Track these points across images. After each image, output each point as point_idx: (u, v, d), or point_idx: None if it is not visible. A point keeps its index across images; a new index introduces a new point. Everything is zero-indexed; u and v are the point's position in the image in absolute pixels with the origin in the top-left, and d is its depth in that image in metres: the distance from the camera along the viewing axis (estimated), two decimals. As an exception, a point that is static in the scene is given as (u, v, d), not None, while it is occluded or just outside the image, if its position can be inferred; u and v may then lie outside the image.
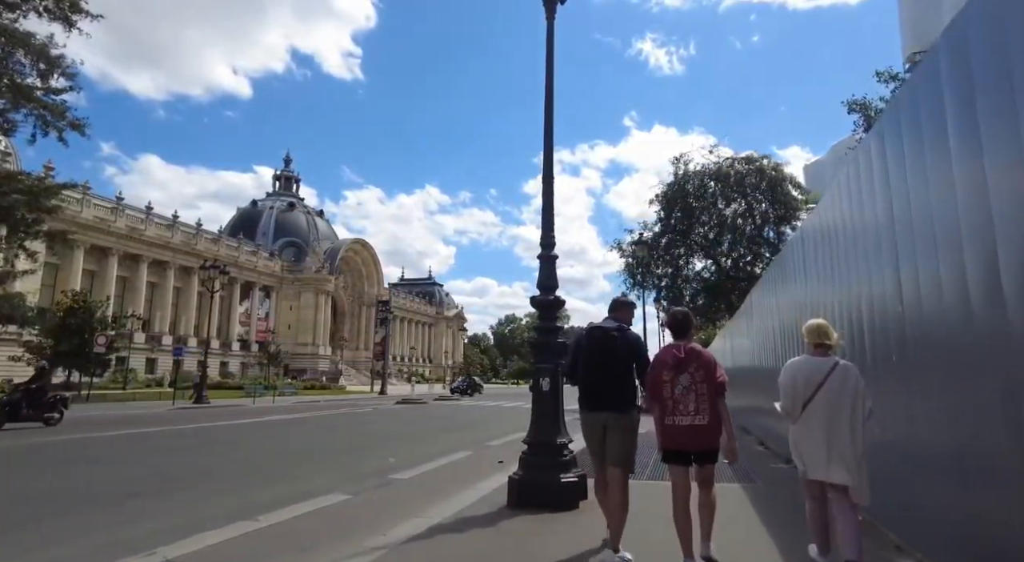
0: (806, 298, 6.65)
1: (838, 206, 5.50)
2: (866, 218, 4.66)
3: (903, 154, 3.85)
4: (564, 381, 5.97)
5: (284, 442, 13.09)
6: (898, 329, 4.03)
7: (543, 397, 5.90)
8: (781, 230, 27.53)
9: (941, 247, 3.35)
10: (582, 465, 6.19)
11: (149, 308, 56.49)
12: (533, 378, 6.03)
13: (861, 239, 4.78)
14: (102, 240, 50.33)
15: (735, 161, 28.11)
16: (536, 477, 5.62)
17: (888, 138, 4.18)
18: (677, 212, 28.40)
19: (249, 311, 67.95)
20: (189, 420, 18.70)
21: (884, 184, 4.22)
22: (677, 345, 3.96)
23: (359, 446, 12.06)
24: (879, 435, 3.83)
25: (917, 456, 3.80)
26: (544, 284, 6.20)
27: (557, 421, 5.88)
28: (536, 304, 6.16)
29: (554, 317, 6.15)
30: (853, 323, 4.91)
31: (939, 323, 3.44)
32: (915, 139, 3.70)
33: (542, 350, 6.01)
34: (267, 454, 10.85)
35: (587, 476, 5.89)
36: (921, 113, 3.59)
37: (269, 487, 7.29)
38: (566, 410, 5.96)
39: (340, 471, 8.51)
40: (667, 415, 3.84)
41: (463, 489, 6.70)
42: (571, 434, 5.98)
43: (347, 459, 9.93)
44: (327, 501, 6.40)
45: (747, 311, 13.62)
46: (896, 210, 3.98)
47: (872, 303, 4.57)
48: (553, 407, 5.88)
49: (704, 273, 30.50)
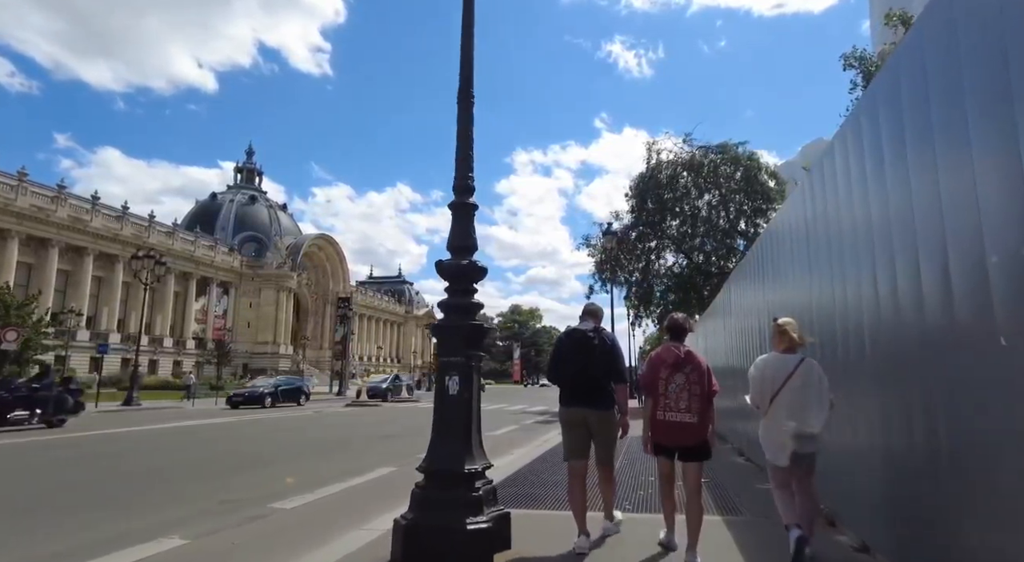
0: (782, 297, 6.55)
1: (796, 210, 5.79)
2: (816, 226, 5.07)
3: (864, 168, 3.95)
4: (479, 384, 4.28)
5: (170, 455, 10.91)
6: (842, 331, 4.44)
7: (449, 404, 4.15)
8: (757, 222, 26.18)
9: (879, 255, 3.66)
10: (506, 499, 4.79)
11: (95, 304, 53.36)
12: (436, 376, 4.25)
13: (813, 245, 5.17)
14: (40, 230, 47.04)
15: (709, 150, 26.65)
16: (432, 521, 3.86)
17: (852, 144, 4.26)
18: (649, 204, 26.87)
19: (206, 308, 64.87)
20: (85, 427, 16.39)
21: (833, 192, 4.58)
22: (676, 346, 4.21)
23: (262, 460, 9.96)
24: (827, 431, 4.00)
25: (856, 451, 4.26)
26: (458, 243, 4.41)
27: (468, 439, 4.12)
28: (445, 271, 4.38)
29: (469, 290, 4.39)
30: (815, 323, 5.03)
31: (875, 327, 3.81)
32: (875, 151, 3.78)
33: (450, 337, 4.25)
34: (131, 474, 8.65)
35: (510, 516, 4.23)
36: (880, 121, 3.69)
37: (91, 527, 5.36)
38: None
39: (210, 497, 6.63)
40: (659, 410, 4.08)
41: (352, 527, 4.97)
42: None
43: (232, 479, 7.96)
44: (148, 550, 4.53)
45: (721, 309, 12.31)
46: (839, 219, 4.42)
47: (819, 305, 5.00)
48: (463, 419, 4.12)
49: (675, 268, 29.05)
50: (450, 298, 4.33)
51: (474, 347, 4.25)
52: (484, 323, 4.35)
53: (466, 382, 4.12)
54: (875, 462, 3.90)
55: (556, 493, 6.35)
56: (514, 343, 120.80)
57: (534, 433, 14.80)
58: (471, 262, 4.34)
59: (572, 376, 4.47)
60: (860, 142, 4.01)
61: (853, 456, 4.31)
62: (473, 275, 4.35)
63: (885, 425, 3.72)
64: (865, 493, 4.10)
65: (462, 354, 4.16)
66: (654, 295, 28.64)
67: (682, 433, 4.01)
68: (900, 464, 3.54)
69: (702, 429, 4.02)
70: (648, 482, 7.06)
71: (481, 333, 4.30)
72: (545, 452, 10.27)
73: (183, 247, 61.35)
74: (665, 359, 4.13)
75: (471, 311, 4.33)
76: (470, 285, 4.37)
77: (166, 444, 12.75)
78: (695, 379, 4.05)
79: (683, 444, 4.05)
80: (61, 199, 49.34)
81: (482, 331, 4.30)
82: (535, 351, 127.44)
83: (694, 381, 4.04)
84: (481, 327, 4.30)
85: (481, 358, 4.37)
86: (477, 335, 4.27)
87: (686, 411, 3.99)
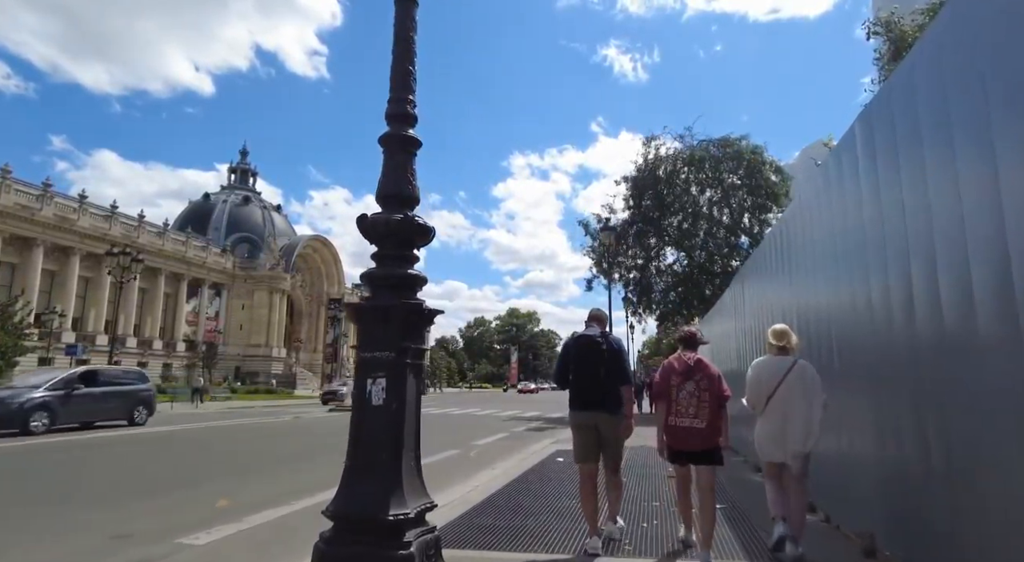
0: (788, 300, 6.45)
1: (799, 218, 6.05)
2: (820, 232, 5.22)
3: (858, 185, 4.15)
4: (419, 391, 3.05)
5: (94, 471, 9.56)
6: (839, 336, 4.75)
7: (371, 420, 2.92)
8: (762, 218, 24.90)
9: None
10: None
11: (82, 305, 52.09)
12: (355, 379, 2.99)
13: (820, 250, 5.22)
14: (24, 229, 45.79)
15: (711, 144, 25.37)
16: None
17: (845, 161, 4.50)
18: (647, 199, 25.59)
19: (197, 309, 63.56)
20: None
21: (840, 203, 4.66)
22: (688, 355, 4.36)
23: (194, 477, 8.56)
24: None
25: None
26: (390, 191, 3.18)
27: (397, 471, 2.87)
28: (371, 228, 3.14)
29: (407, 257, 3.14)
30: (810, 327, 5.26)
31: (866, 334, 4.08)
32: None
33: (375, 322, 3.00)
34: (32, 497, 7.47)
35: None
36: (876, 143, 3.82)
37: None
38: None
39: (102, 528, 5.33)
40: (670, 416, 4.23)
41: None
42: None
43: (143, 504, 6.65)
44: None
45: (730, 309, 11.16)
46: (840, 229, 4.57)
47: (818, 312, 5.30)
48: (391, 441, 2.88)
49: (676, 267, 27.76)
50: (378, 268, 3.09)
51: (412, 338, 3.01)
52: (426, 304, 3.11)
53: (397, 388, 2.89)
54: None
55: (541, 524, 5.10)
56: (512, 346, 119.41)
57: (525, 442, 13.54)
58: (408, 217, 3.10)
59: (583, 381, 4.56)
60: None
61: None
62: (410, 235, 3.12)
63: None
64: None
65: (393, 347, 2.92)
66: (654, 294, 27.34)
67: (691, 438, 4.13)
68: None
69: (711, 434, 4.12)
70: (653, 508, 5.82)
71: (422, 317, 3.07)
72: (536, 464, 9.03)
73: (174, 248, 60.12)
74: (676, 367, 4.28)
75: (408, 286, 3.10)
76: (408, 250, 3.14)
77: (113, 456, 11.45)
78: (705, 386, 4.16)
79: (692, 449, 4.17)
80: (47, 198, 48.11)
81: (423, 315, 3.06)
82: (533, 355, 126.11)
83: (704, 388, 4.15)
84: (421, 308, 3.06)
85: (423, 353, 3.13)
86: (416, 321, 3.03)
87: (695, 417, 4.11)
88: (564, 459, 9.55)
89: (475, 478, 8.01)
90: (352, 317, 3.30)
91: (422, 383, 3.06)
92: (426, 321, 3.10)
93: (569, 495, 6.39)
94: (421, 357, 3.06)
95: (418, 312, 3.02)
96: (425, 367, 2.84)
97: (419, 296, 3.16)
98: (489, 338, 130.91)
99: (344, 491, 2.82)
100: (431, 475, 8.63)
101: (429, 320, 3.12)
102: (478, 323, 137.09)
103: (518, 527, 5.06)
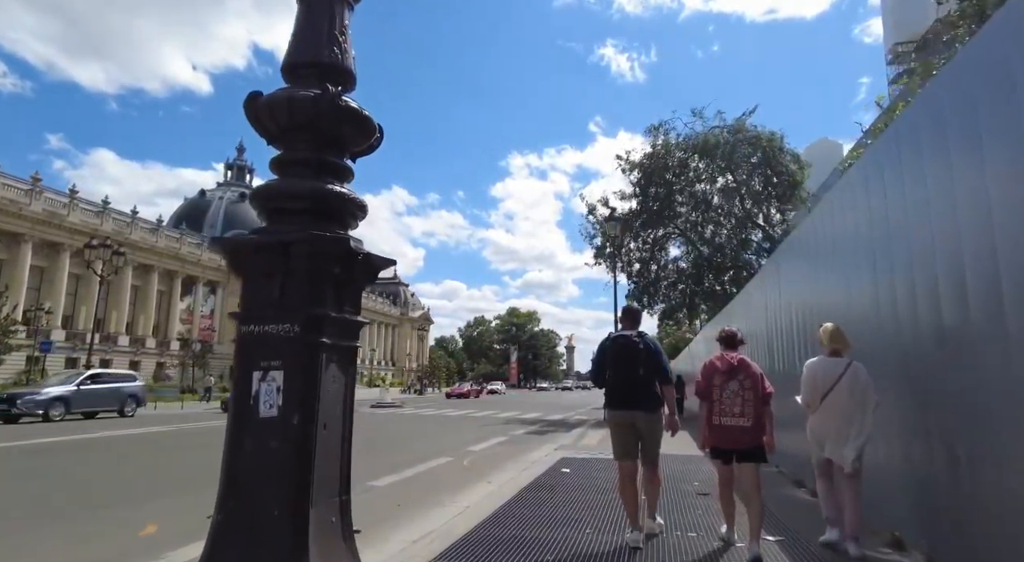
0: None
1: (824, 220, 6.29)
2: (846, 235, 5.51)
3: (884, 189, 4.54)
4: (351, 391, 1.76)
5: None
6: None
7: (257, 440, 1.62)
8: (784, 208, 23.47)
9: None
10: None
11: (73, 303, 50.88)
12: (234, 373, 1.73)
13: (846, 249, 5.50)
14: (12, 224, 44.64)
15: (724, 129, 24.00)
16: None
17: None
18: (654, 189, 24.23)
19: (192, 307, 62.36)
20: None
21: (865, 208, 4.96)
22: (730, 354, 4.47)
23: (137, 493, 7.22)
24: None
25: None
26: (303, 57, 1.91)
27: (300, 531, 1.57)
28: (268, 115, 1.86)
29: (330, 167, 1.86)
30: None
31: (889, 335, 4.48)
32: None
33: (263, 271, 1.72)
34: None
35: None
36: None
37: None
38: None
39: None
40: (714, 415, 4.34)
41: None
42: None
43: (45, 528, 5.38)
44: None
45: (762, 300, 9.86)
46: (875, 229, 4.73)
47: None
48: (287, 482, 1.58)
49: (683, 261, 26.43)
50: (280, 180, 1.83)
51: (333, 301, 1.75)
52: (362, 247, 1.84)
53: (301, 388, 1.62)
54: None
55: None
56: (511, 346, 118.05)
57: (525, 448, 12.28)
58: (331, 94, 1.83)
59: (621, 381, 4.68)
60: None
61: None
62: (336, 127, 1.86)
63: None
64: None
65: (296, 316, 1.67)
66: (660, 289, 26.01)
67: (737, 436, 4.25)
68: None
69: (757, 432, 4.24)
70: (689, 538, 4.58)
71: (354, 265, 1.81)
72: (538, 477, 7.74)
73: (167, 244, 58.98)
74: (719, 367, 4.40)
75: (332, 213, 1.83)
76: (333, 153, 1.88)
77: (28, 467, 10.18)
78: (749, 386, 4.27)
79: (738, 447, 4.27)
80: (36, 192, 46.91)
81: (355, 261, 1.81)
82: (533, 354, 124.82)
83: (748, 387, 4.27)
84: (351, 250, 1.80)
85: (354, 330, 1.87)
86: (343, 271, 1.77)
87: (740, 415, 4.23)
88: (571, 469, 8.29)
89: (465, 495, 6.76)
90: (229, 262, 2.01)
91: (352, 380, 1.81)
92: (363, 273, 1.85)
93: (585, 522, 5.16)
94: (350, 334, 1.81)
95: (345, 255, 1.76)
96: (357, 350, 1.58)
97: (356, 237, 1.91)
98: (489, 338, 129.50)
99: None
100: (414, 490, 7.41)
101: (369, 273, 1.87)
102: (478, 322, 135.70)
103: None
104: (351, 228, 1.92)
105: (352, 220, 1.91)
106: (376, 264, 1.88)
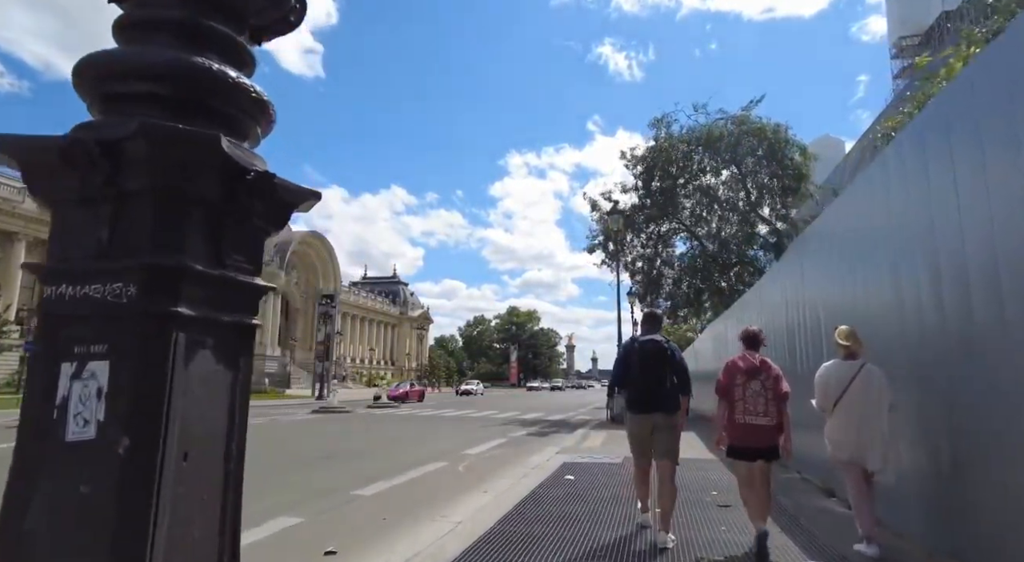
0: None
1: (843, 214, 6.14)
2: (864, 232, 5.48)
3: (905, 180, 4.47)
4: (244, 399, 1.06)
5: None
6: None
7: (63, 474, 0.92)
8: (788, 201, 22.73)
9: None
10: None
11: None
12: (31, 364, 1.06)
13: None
14: (5, 223, 44.12)
15: (728, 121, 23.28)
16: None
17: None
18: (657, 182, 23.51)
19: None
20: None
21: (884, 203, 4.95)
22: (752, 354, 4.60)
23: None
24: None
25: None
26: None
27: None
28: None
29: (232, 48, 1.25)
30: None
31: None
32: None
33: (76, 193, 1.04)
34: None
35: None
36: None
37: None
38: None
39: None
40: (738, 414, 4.41)
41: None
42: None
43: None
44: None
45: (778, 295, 9.30)
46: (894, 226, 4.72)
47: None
48: (102, 542, 0.91)
49: (687, 257, 25.69)
50: (122, 48, 1.15)
51: (223, 243, 1.09)
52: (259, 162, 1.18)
53: (143, 392, 0.96)
54: None
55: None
56: (511, 345, 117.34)
57: (525, 450, 11.60)
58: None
59: (647, 385, 4.78)
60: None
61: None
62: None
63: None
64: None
65: (137, 266, 0.98)
66: (663, 286, 25.30)
67: (761, 435, 4.36)
68: None
69: (779, 431, 4.39)
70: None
71: (246, 185, 1.13)
72: (540, 484, 7.06)
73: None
74: (741, 366, 4.52)
75: (209, 104, 1.16)
76: (229, 26, 1.20)
77: None
78: (770, 386, 4.41)
79: (760, 445, 4.38)
80: (28, 190, 46.31)
81: (243, 179, 1.13)
82: (533, 354, 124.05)
83: (769, 387, 4.41)
84: (230, 158, 1.12)
85: (255, 294, 1.21)
86: (232, 193, 1.10)
87: (764, 415, 4.36)
88: (575, 476, 7.62)
89: (459, 507, 6.09)
90: (25, 180, 1.29)
91: (245, 377, 1.14)
92: (261, 204, 1.17)
93: (595, 544, 4.49)
94: (236, 304, 1.15)
95: (222, 167, 1.08)
96: (254, 330, 1.01)
97: (259, 157, 1.24)
98: (489, 337, 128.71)
99: None
100: (404, 500, 6.67)
101: (274, 205, 1.20)
102: (478, 322, 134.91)
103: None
104: (248, 139, 1.26)
105: (250, 125, 1.24)
106: (285, 191, 1.21)
